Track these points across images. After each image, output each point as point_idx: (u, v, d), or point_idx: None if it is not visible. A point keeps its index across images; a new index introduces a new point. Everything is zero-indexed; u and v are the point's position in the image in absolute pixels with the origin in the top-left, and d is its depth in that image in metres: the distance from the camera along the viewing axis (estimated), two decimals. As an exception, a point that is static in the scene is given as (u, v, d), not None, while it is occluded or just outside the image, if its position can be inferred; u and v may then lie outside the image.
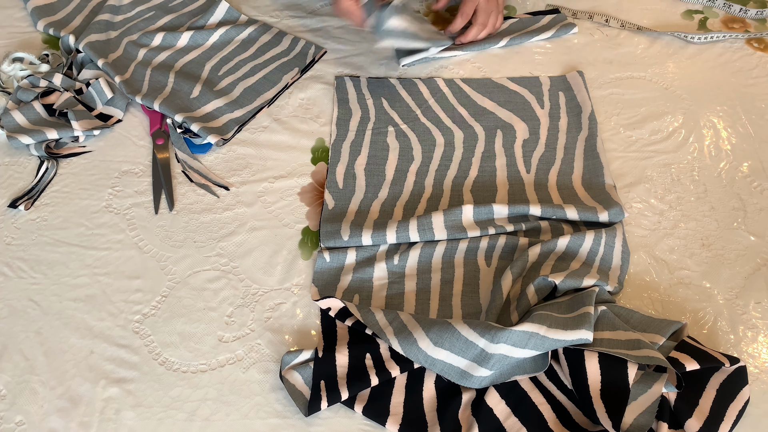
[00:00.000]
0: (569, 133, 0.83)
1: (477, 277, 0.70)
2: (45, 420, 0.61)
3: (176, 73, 0.88)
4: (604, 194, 0.76)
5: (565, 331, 0.59)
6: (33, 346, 0.65)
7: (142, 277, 0.70)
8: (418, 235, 0.71)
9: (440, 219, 0.72)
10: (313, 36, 0.95)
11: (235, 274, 0.71)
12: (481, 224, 0.73)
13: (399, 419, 0.60)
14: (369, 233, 0.71)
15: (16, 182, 0.78)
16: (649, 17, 0.99)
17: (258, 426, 0.60)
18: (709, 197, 0.77)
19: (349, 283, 0.70)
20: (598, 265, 0.69)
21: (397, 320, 0.63)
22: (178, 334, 0.66)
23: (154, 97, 0.83)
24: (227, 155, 0.81)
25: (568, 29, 0.96)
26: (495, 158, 0.81)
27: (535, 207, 0.73)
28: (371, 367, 0.62)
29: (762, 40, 0.95)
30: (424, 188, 0.78)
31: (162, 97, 0.83)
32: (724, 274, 0.71)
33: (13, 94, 0.83)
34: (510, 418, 0.60)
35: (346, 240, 0.71)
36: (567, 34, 0.96)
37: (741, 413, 0.59)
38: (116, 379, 0.63)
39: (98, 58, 0.87)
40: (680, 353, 0.60)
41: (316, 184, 0.78)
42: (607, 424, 0.56)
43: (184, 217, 0.75)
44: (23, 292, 0.69)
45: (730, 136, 0.84)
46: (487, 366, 0.59)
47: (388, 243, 0.71)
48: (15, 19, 0.97)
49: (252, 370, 0.64)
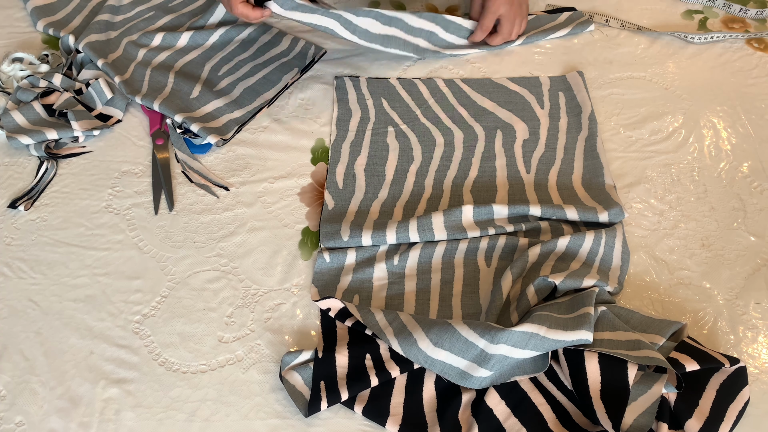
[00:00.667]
0: (569, 133, 0.83)
1: (477, 278, 0.70)
2: (45, 420, 0.61)
3: (176, 73, 0.87)
4: (604, 194, 0.76)
5: (565, 331, 0.59)
6: (33, 347, 0.65)
7: (141, 277, 0.70)
8: (418, 236, 0.71)
9: (440, 219, 0.72)
10: (313, 36, 0.95)
11: (235, 274, 0.71)
12: (481, 224, 0.73)
13: (399, 420, 0.60)
14: (369, 233, 0.71)
15: (16, 182, 0.78)
16: (649, 17, 0.99)
17: (258, 426, 0.60)
18: (709, 197, 0.77)
19: (349, 284, 0.70)
20: (598, 266, 0.69)
21: (397, 321, 0.63)
22: (178, 335, 0.66)
23: (154, 97, 0.83)
24: (227, 155, 0.81)
25: (584, 26, 0.96)
26: (495, 158, 0.81)
27: (535, 207, 0.73)
28: (371, 367, 0.62)
29: (762, 40, 0.95)
30: (424, 188, 0.78)
31: (162, 98, 0.83)
32: (724, 275, 0.71)
33: (13, 95, 0.83)
34: (510, 418, 0.60)
35: (345, 240, 0.71)
36: (583, 31, 0.96)
37: (741, 414, 0.59)
38: (116, 380, 0.63)
39: (98, 58, 0.87)
40: (680, 354, 0.60)
41: (316, 185, 0.78)
42: (607, 424, 0.56)
43: (184, 217, 0.75)
44: (23, 293, 0.69)
45: (730, 136, 0.84)
46: (486, 366, 0.59)
47: (387, 243, 0.72)
48: (15, 19, 0.97)
49: (252, 371, 0.64)
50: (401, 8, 1.00)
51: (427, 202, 0.77)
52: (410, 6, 1.01)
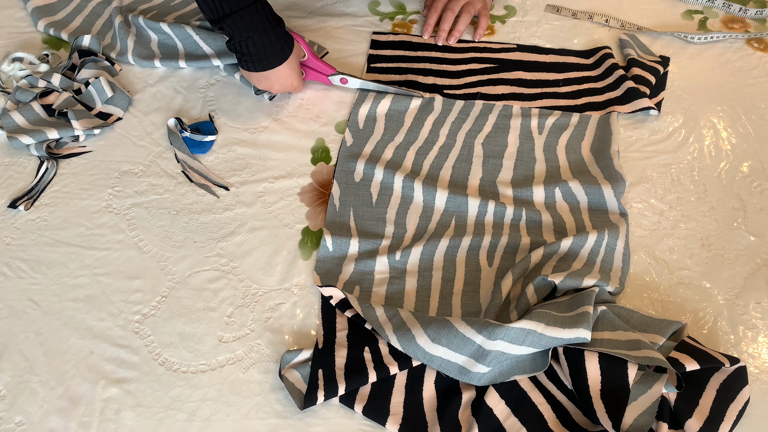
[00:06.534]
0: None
1: (478, 277, 0.70)
2: (45, 420, 0.61)
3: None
4: (608, 160, 0.78)
5: (562, 329, 0.59)
6: (33, 346, 0.65)
7: (142, 277, 0.70)
8: (422, 189, 0.76)
9: (447, 174, 0.78)
10: (313, 36, 0.95)
11: (235, 274, 0.71)
12: (485, 193, 0.76)
13: (399, 419, 0.60)
14: (381, 172, 0.77)
15: (16, 182, 0.78)
16: (649, 17, 0.99)
17: (258, 426, 0.60)
18: (709, 197, 0.77)
19: (350, 275, 0.70)
20: (599, 266, 0.69)
21: (396, 317, 0.64)
22: (178, 335, 0.66)
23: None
24: (227, 155, 0.81)
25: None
26: (511, 117, 0.84)
27: (539, 188, 0.76)
28: (369, 360, 0.62)
29: (762, 40, 0.95)
30: (438, 136, 0.83)
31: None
32: (724, 274, 0.71)
33: (12, 95, 0.83)
34: (510, 418, 0.60)
35: (357, 182, 0.77)
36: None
37: (741, 413, 0.59)
38: (116, 380, 0.63)
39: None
40: (680, 353, 0.60)
41: (316, 185, 0.78)
42: (607, 424, 0.56)
43: (184, 217, 0.75)
44: (23, 292, 0.69)
45: (730, 136, 0.84)
46: (484, 362, 0.60)
47: (394, 188, 0.77)
48: (15, 19, 0.97)
49: (252, 371, 0.64)
50: (401, 7, 1.00)
51: (440, 150, 0.81)
52: (409, 5, 1.01)
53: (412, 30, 0.97)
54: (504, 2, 1.01)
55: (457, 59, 0.92)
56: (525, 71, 0.90)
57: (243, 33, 0.74)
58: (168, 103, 0.86)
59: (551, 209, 0.75)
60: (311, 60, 0.85)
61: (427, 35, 0.95)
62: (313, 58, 0.85)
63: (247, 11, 0.73)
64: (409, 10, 1.00)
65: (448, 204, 0.75)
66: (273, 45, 0.76)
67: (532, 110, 0.85)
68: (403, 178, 0.77)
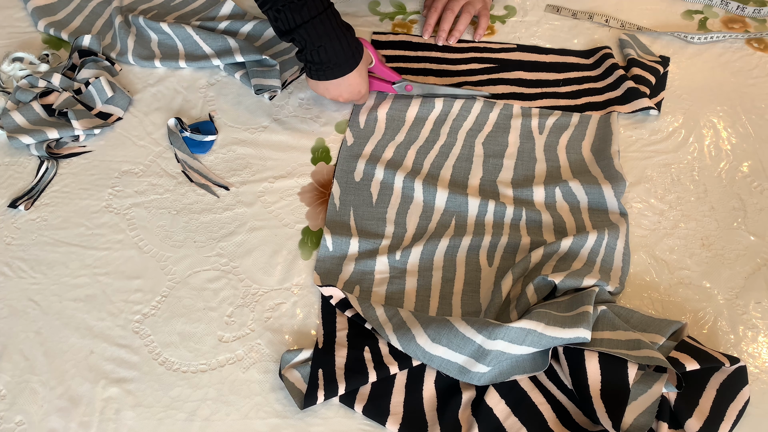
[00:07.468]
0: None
1: (478, 277, 0.70)
2: (45, 420, 0.61)
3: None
4: (608, 160, 0.78)
5: (562, 328, 0.59)
6: (33, 346, 0.65)
7: (142, 277, 0.70)
8: (422, 188, 0.76)
9: (448, 173, 0.78)
10: (313, 36, 0.95)
11: (235, 274, 0.71)
12: (485, 193, 0.76)
13: (399, 419, 0.60)
14: (381, 170, 0.77)
15: (16, 182, 0.78)
16: (649, 17, 0.99)
17: (258, 426, 0.60)
18: (709, 197, 0.77)
19: (350, 275, 0.70)
20: (599, 266, 0.69)
21: (396, 317, 0.64)
22: (178, 334, 0.66)
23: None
24: (227, 155, 0.81)
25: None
26: (511, 117, 0.84)
27: (539, 188, 0.76)
28: (369, 360, 0.62)
29: (762, 40, 0.95)
30: (439, 136, 0.83)
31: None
32: (724, 274, 0.71)
33: (12, 95, 0.83)
34: (510, 417, 0.60)
35: (357, 181, 0.77)
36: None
37: (741, 413, 0.59)
38: (116, 379, 0.63)
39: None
40: (680, 353, 0.60)
41: (316, 184, 0.78)
42: (607, 424, 0.56)
43: (184, 217, 0.75)
44: (23, 292, 0.69)
45: (730, 136, 0.84)
46: (484, 362, 0.60)
47: (394, 188, 0.77)
48: (15, 19, 0.97)
49: (252, 370, 0.64)
50: (401, 7, 1.00)
51: (440, 149, 0.81)
52: (409, 5, 1.01)
53: (412, 30, 0.97)
54: (504, 2, 1.01)
55: (457, 59, 0.92)
56: (525, 71, 0.90)
57: (315, 42, 0.74)
58: (168, 103, 0.86)
59: (551, 209, 0.75)
60: (378, 66, 0.83)
61: (427, 35, 0.95)
62: (380, 65, 0.84)
63: (318, 19, 0.72)
64: (409, 10, 1.00)
65: (449, 203, 0.75)
66: (345, 51, 0.76)
67: (533, 110, 0.85)
68: (403, 177, 0.77)
